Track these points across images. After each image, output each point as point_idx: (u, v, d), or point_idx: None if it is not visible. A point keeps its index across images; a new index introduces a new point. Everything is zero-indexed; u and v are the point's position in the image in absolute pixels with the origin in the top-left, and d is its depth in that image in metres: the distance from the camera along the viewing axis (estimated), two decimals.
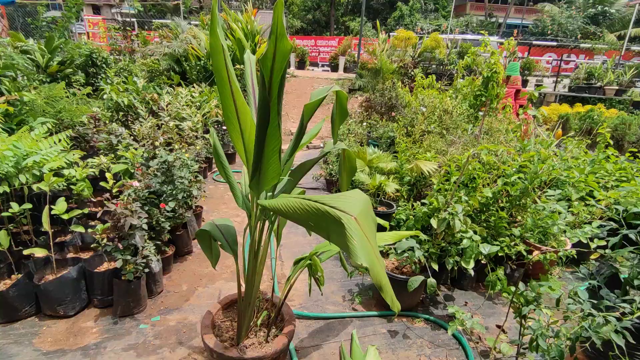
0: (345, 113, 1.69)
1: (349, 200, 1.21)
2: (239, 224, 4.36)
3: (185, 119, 6.04)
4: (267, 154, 1.53)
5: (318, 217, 1.21)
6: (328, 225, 1.18)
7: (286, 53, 1.36)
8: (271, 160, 1.54)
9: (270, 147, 1.51)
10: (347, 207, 1.17)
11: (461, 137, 4.22)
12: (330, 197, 1.24)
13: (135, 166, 3.35)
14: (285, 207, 1.31)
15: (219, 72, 1.55)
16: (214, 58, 1.52)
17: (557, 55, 19.10)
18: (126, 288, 2.74)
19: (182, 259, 3.58)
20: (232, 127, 1.64)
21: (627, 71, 11.51)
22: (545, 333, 1.57)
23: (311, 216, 1.23)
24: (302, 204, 1.26)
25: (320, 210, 1.20)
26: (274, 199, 1.40)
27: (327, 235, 1.21)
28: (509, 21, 26.91)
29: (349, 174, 1.87)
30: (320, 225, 1.21)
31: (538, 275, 3.42)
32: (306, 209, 1.24)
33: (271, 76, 1.39)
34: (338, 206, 1.18)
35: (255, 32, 9.54)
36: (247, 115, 1.58)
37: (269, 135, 1.48)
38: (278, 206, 1.34)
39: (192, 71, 8.45)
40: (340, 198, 1.23)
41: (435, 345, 2.68)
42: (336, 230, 1.16)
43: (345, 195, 1.27)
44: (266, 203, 1.40)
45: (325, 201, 1.22)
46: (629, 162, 4.14)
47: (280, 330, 2.12)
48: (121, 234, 2.59)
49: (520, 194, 3.17)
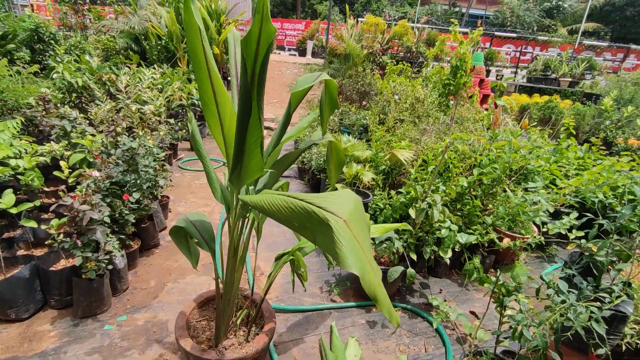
0: (335, 103, 1.59)
1: (338, 201, 1.13)
2: (209, 214, 4.18)
3: (147, 103, 5.65)
4: (249, 146, 1.40)
5: (303, 218, 1.11)
6: (314, 226, 1.09)
7: (270, 36, 1.22)
8: (253, 152, 1.42)
9: (252, 139, 1.39)
10: (335, 208, 1.08)
11: (434, 125, 4.24)
12: (318, 196, 1.15)
13: (94, 154, 3.07)
14: (268, 204, 1.20)
15: (195, 53, 1.39)
16: (189, 37, 1.36)
17: (515, 46, 19.88)
18: (87, 287, 2.52)
19: (148, 252, 3.37)
20: (210, 115, 1.49)
21: (579, 64, 12.18)
22: (530, 323, 1.60)
23: (296, 216, 1.13)
24: (287, 202, 1.15)
25: (306, 210, 1.10)
26: (256, 195, 1.28)
27: (313, 238, 1.12)
28: (471, 11, 27.57)
29: (337, 167, 1.78)
30: (305, 226, 1.12)
31: (507, 261, 3.56)
32: (291, 207, 1.14)
33: (255, 61, 1.26)
34: (326, 206, 1.09)
35: (220, 11, 9.06)
36: (226, 104, 1.44)
37: (250, 126, 1.35)
38: (260, 203, 1.23)
39: (153, 51, 7.92)
40: (328, 198, 1.14)
41: (413, 334, 2.70)
42: (323, 232, 1.07)
43: (334, 195, 1.17)
44: (248, 199, 1.28)
45: (312, 200, 1.12)
46: (589, 152, 4.37)
47: (261, 328, 2.02)
48: (80, 229, 2.35)
49: (493, 182, 3.23)
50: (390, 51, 12.11)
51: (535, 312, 1.84)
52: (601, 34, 25.76)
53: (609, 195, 3.75)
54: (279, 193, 1.22)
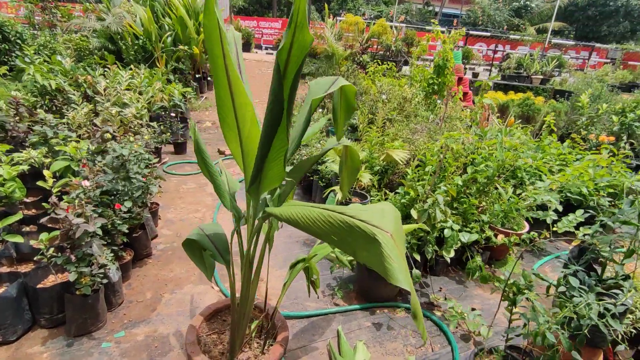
0: (352, 108, 1.55)
1: (380, 214, 1.10)
2: (200, 220, 4.06)
3: (128, 105, 5.43)
4: (272, 156, 1.35)
5: (344, 232, 1.08)
6: (356, 241, 1.06)
7: (305, 46, 1.18)
8: (275, 162, 1.37)
9: (276, 149, 1.33)
10: (379, 221, 1.06)
11: (425, 124, 4.29)
12: (356, 209, 1.11)
13: (82, 162, 2.90)
14: (302, 217, 1.16)
15: (214, 60, 1.32)
16: (209, 43, 1.29)
17: (487, 44, 20.50)
18: (82, 303, 2.38)
19: (141, 263, 3.23)
20: (227, 126, 1.42)
21: (549, 62, 12.67)
22: (552, 325, 1.63)
23: (335, 230, 1.09)
24: (324, 215, 1.11)
25: (347, 223, 1.06)
26: (286, 207, 1.24)
27: (353, 252, 1.09)
28: (444, 10, 28.17)
29: (352, 174, 1.74)
30: (345, 241, 1.08)
31: (500, 256, 3.64)
32: (329, 221, 1.10)
33: (285, 70, 1.21)
34: (369, 220, 1.06)
35: (198, 9, 8.83)
36: (247, 111, 1.37)
37: (277, 137, 1.30)
38: (293, 216, 1.18)
39: (129, 51, 7.62)
40: (368, 210, 1.11)
41: (418, 334, 2.71)
42: (366, 247, 1.04)
43: (373, 208, 1.14)
44: (277, 212, 1.23)
45: (352, 213, 1.09)
46: (570, 148, 4.53)
47: (274, 338, 1.97)
48: (74, 242, 2.22)
49: (487, 181, 3.30)
50: (369, 50, 12.20)
51: (546, 309, 1.88)
52: (565, 33, 26.93)
53: (591, 190, 3.91)
54: (311, 205, 1.18)
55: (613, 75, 12.39)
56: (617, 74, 12.74)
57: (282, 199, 1.65)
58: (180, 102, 6.35)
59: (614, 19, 24.51)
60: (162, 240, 3.61)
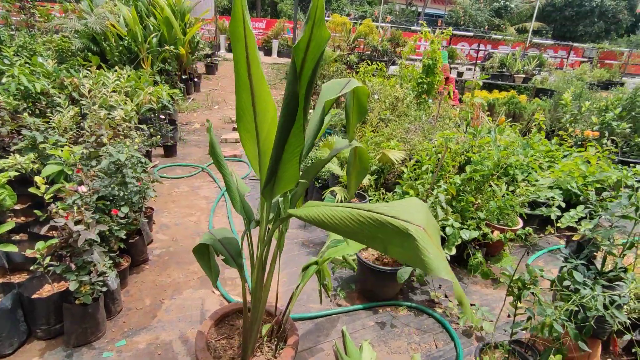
0: (364, 110, 1.56)
1: (409, 209, 1.10)
2: (195, 223, 4.00)
3: (115, 108, 5.30)
4: (287, 157, 1.34)
5: (375, 229, 1.08)
6: (387, 237, 1.07)
7: (322, 43, 1.17)
8: (290, 163, 1.36)
9: (291, 149, 1.33)
10: (409, 216, 1.06)
11: (420, 124, 4.34)
12: (385, 206, 1.12)
13: (77, 167, 2.82)
14: (329, 217, 1.16)
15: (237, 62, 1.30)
16: (236, 47, 1.27)
17: (469, 44, 20.87)
18: (82, 313, 2.32)
19: (138, 269, 3.16)
20: (243, 126, 1.41)
21: (531, 61, 12.99)
22: (559, 318, 1.67)
23: (365, 227, 1.09)
24: (353, 214, 1.12)
25: (378, 221, 1.07)
26: (309, 209, 1.23)
27: (384, 249, 1.09)
28: (427, 10, 28.55)
29: (360, 175, 1.75)
30: (375, 237, 1.09)
31: (495, 252, 3.71)
32: (359, 220, 1.10)
33: (302, 67, 1.20)
34: (399, 216, 1.06)
35: (184, 10, 8.70)
36: (267, 112, 1.36)
37: (292, 136, 1.29)
38: (319, 217, 1.18)
39: (114, 52, 7.45)
40: (396, 206, 1.11)
41: (421, 331, 2.75)
42: (400, 243, 1.05)
43: (402, 203, 1.15)
44: (301, 213, 1.23)
45: (380, 210, 1.10)
46: (558, 145, 4.66)
47: (284, 341, 1.96)
48: (74, 251, 2.15)
49: (483, 179, 3.36)
50: (356, 50, 12.25)
51: (549, 303, 1.93)
52: (543, 33, 27.65)
53: (580, 186, 4.03)
54: (335, 205, 1.18)
55: (591, 74, 12.79)
56: (594, 72, 13.16)
57: (294, 200, 1.65)
58: (168, 104, 6.24)
59: (590, 19, 25.31)
60: (158, 245, 3.54)
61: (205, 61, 10.75)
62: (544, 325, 1.71)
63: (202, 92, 9.54)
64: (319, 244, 3.74)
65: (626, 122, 6.28)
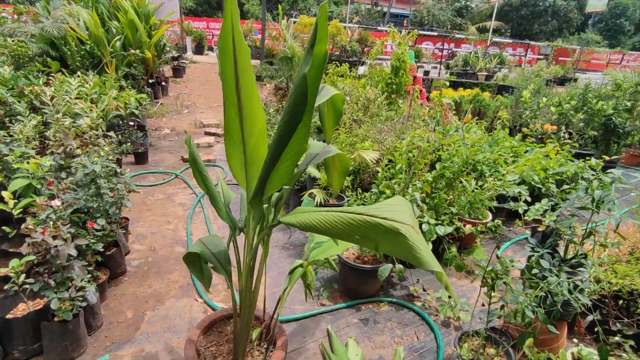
0: (340, 115, 1.63)
1: (397, 209, 1.19)
2: (173, 231, 3.94)
3: (80, 115, 5.11)
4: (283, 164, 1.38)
5: (366, 230, 1.16)
6: (378, 236, 1.15)
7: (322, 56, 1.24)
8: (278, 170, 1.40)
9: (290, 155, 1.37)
10: (399, 216, 1.15)
11: (391, 124, 4.47)
12: (375, 208, 1.20)
13: (47, 180, 2.72)
14: (321, 222, 1.22)
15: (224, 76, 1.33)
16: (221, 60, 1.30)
17: (433, 43, 21.54)
18: (61, 330, 2.25)
19: (116, 281, 3.09)
20: (230, 139, 1.44)
21: (492, 59, 13.59)
22: (530, 304, 1.81)
23: (357, 229, 1.17)
24: (345, 217, 1.19)
25: (369, 222, 1.15)
26: (300, 215, 1.28)
27: (375, 247, 1.18)
28: (392, 10, 29.14)
29: (342, 174, 1.82)
30: (367, 237, 1.17)
31: (468, 245, 3.90)
32: (350, 222, 1.17)
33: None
34: (389, 217, 1.15)
35: (149, 12, 8.46)
36: (256, 122, 1.39)
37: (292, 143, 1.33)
38: (311, 222, 1.24)
39: (75, 57, 7.14)
40: (386, 207, 1.20)
41: (403, 325, 2.86)
42: (390, 240, 1.13)
43: (389, 204, 1.24)
44: (292, 220, 1.28)
45: (371, 212, 1.17)
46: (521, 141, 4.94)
47: (274, 344, 2.00)
48: (52, 267, 2.09)
49: (454, 175, 3.53)
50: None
51: (520, 291, 2.08)
52: (502, 31, 28.96)
53: (541, 179, 4.30)
54: (326, 210, 1.24)
55: (547, 71, 13.55)
56: (550, 69, 13.96)
57: (279, 207, 1.69)
58: (136, 110, 6.07)
59: (544, 18, 26.77)
60: (136, 255, 3.47)
61: (173, 64, 10.51)
62: (516, 312, 1.84)
63: (170, 95, 9.32)
64: (299, 246, 3.79)
65: (580, 114, 6.74)
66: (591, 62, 20.75)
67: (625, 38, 33.19)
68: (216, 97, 9.77)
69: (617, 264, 2.57)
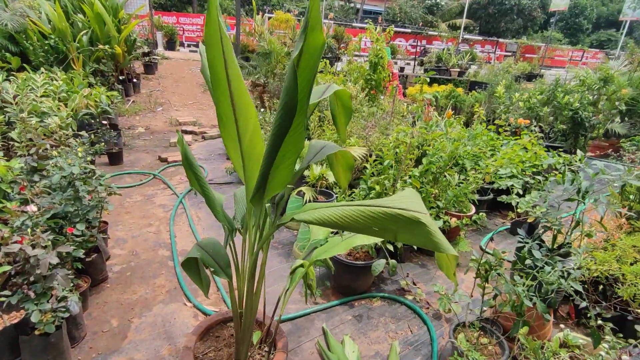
0: (350, 111, 1.61)
1: (411, 200, 1.20)
2: (155, 234, 3.80)
3: (48, 114, 4.82)
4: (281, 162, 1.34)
5: (387, 221, 1.17)
6: (399, 227, 1.17)
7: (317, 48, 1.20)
8: (281, 168, 1.36)
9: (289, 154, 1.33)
10: (416, 206, 1.17)
11: (376, 120, 4.49)
12: (389, 200, 1.20)
13: (20, 184, 2.54)
14: (340, 217, 1.21)
15: (213, 68, 1.27)
16: (209, 52, 1.23)
17: (405, 39, 21.88)
18: (43, 344, 2.11)
19: (98, 288, 2.94)
20: (227, 134, 1.38)
21: (464, 56, 13.94)
22: (528, 294, 1.86)
23: (378, 221, 1.17)
24: (364, 211, 1.18)
25: (389, 214, 1.15)
26: (314, 211, 1.25)
27: (394, 237, 1.19)
28: (365, 7, 29.32)
29: (348, 170, 1.81)
30: (387, 229, 1.18)
31: (453, 237, 3.98)
32: (371, 216, 1.17)
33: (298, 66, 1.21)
34: (407, 207, 1.16)
35: (117, 6, 8.09)
36: (249, 119, 1.34)
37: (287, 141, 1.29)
38: (330, 218, 1.22)
39: (38, 52, 6.73)
40: (400, 200, 1.20)
41: (396, 320, 2.88)
42: (410, 230, 1.15)
43: (403, 196, 1.24)
44: (306, 217, 1.24)
45: (389, 204, 1.18)
46: (497, 134, 5.09)
47: (274, 346, 1.96)
48: (32, 277, 1.95)
49: (439, 170, 3.58)
50: None
51: (515, 281, 2.13)
52: (471, 29, 29.80)
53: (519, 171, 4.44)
54: (342, 204, 1.23)
55: (516, 67, 14.05)
56: (518, 65, 14.48)
57: (281, 205, 1.65)
58: (109, 108, 5.79)
59: (510, 16, 27.73)
60: (117, 261, 3.32)
61: (144, 60, 10.12)
62: (513, 302, 1.89)
63: (142, 93, 8.98)
64: (287, 244, 3.74)
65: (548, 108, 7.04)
66: (555, 58, 21.71)
67: (584, 36, 35.01)
68: (191, 95, 9.50)
69: (596, 251, 2.70)
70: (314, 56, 1.21)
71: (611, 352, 1.85)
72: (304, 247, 3.38)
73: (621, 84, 7.81)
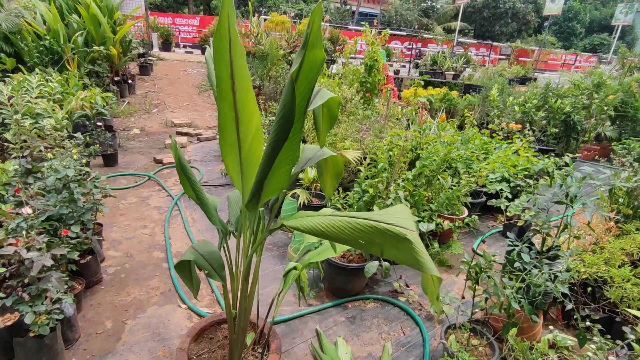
0: (335, 118, 1.64)
1: (400, 216, 1.21)
2: (150, 236, 3.81)
3: (43, 116, 4.81)
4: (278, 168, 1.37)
5: (373, 235, 1.17)
6: (385, 242, 1.17)
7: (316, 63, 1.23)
8: (277, 173, 1.39)
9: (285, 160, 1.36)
10: (403, 223, 1.17)
11: (370, 123, 4.53)
12: (379, 214, 1.21)
13: (13, 185, 2.54)
14: (328, 227, 1.22)
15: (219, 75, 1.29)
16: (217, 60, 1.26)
17: (401, 42, 22.00)
18: (37, 346, 2.12)
19: (92, 290, 2.95)
20: (225, 139, 1.40)
21: (459, 59, 14.05)
22: (515, 296, 1.90)
23: (364, 234, 1.18)
24: (352, 222, 1.19)
25: (376, 228, 1.16)
26: (304, 219, 1.28)
27: (381, 251, 1.19)
28: (361, 10, 29.45)
29: (335, 178, 1.83)
30: (373, 242, 1.18)
31: (446, 240, 4.03)
32: (358, 228, 1.18)
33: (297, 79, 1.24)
34: (395, 223, 1.17)
35: (112, 7, 8.08)
36: (251, 124, 1.37)
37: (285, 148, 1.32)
38: (318, 227, 1.23)
39: (33, 53, 6.70)
40: (389, 214, 1.21)
41: (389, 321, 2.92)
42: (397, 246, 1.15)
43: (392, 211, 1.25)
44: (296, 224, 1.27)
45: (376, 218, 1.19)
46: (491, 138, 5.16)
47: (268, 348, 1.98)
48: (26, 279, 1.96)
49: (432, 173, 3.63)
50: (296, 49, 12.30)
51: (504, 283, 2.18)
52: (466, 32, 30.02)
53: (511, 174, 4.50)
54: (330, 214, 1.24)
55: (510, 71, 14.19)
56: (512, 69, 14.63)
57: (274, 209, 1.68)
58: (104, 110, 5.79)
59: (504, 19, 28.00)
60: (111, 262, 3.32)
61: (139, 61, 10.09)
62: (501, 304, 1.93)
63: (138, 94, 8.96)
64: (282, 246, 3.77)
65: (541, 112, 7.13)
66: (548, 62, 21.94)
67: (577, 40, 35.40)
68: (187, 96, 9.49)
69: (584, 254, 2.75)
70: (312, 71, 1.24)
71: (598, 353, 1.89)
72: (298, 249, 3.40)
73: (611, 89, 7.93)
